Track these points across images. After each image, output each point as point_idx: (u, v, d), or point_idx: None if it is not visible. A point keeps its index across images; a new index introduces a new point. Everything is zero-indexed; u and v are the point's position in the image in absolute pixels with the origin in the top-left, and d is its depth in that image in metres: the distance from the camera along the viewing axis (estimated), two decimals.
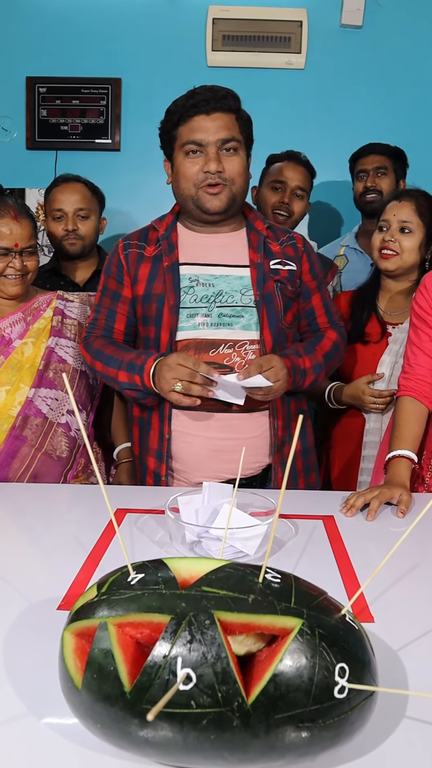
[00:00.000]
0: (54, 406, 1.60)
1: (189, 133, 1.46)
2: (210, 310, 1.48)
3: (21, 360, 1.58)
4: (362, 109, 2.80)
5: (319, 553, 1.12)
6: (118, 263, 1.56)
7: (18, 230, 1.55)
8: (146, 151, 2.84)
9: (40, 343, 1.62)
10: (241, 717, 0.54)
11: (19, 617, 0.88)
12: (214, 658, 0.55)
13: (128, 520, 1.25)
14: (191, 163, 1.47)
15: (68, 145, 2.85)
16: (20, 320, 1.63)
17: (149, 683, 0.55)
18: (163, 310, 1.49)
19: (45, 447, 1.57)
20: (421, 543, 1.16)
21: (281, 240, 1.59)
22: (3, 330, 1.60)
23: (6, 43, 2.81)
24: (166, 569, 0.63)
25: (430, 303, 1.48)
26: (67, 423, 1.61)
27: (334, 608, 0.61)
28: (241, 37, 2.75)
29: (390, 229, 1.75)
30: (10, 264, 1.55)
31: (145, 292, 1.52)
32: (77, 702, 0.59)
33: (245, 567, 0.64)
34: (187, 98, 1.46)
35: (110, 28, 2.79)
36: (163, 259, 1.52)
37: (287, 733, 0.55)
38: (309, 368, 1.49)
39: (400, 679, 0.77)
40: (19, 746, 0.65)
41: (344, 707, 0.56)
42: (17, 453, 1.54)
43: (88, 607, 0.62)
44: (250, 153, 1.55)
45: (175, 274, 1.50)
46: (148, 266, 1.53)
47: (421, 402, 1.48)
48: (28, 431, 1.55)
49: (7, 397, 1.55)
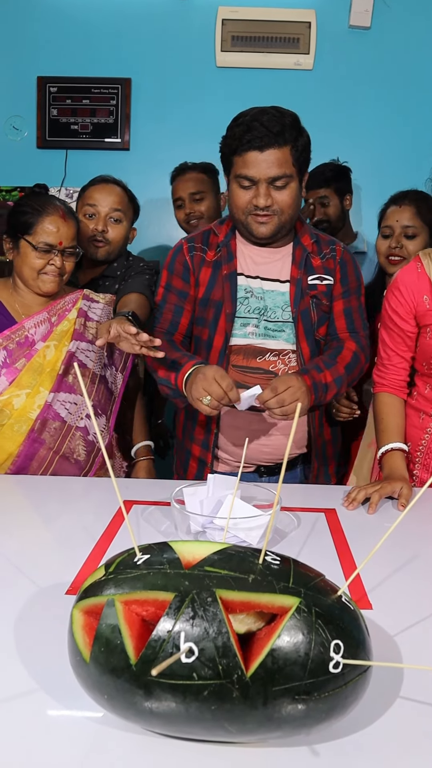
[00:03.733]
0: (73, 410, 1.61)
1: (242, 166, 1.48)
2: (259, 322, 1.59)
3: (43, 363, 1.59)
4: (370, 110, 2.83)
5: (320, 544, 1.15)
6: (185, 263, 1.62)
7: (65, 229, 1.57)
8: (155, 150, 2.88)
9: (62, 346, 1.62)
10: (241, 689, 0.57)
11: (30, 601, 0.92)
12: (215, 633, 0.58)
13: (135, 511, 1.29)
14: (243, 193, 1.51)
15: (78, 144, 2.89)
16: (45, 320, 1.63)
17: (154, 656, 0.58)
18: (220, 316, 1.59)
19: (63, 450, 1.58)
20: (420, 535, 1.19)
21: (324, 253, 1.63)
22: (27, 330, 1.60)
23: (18, 43, 2.85)
24: (171, 551, 0.66)
25: (405, 308, 1.49)
26: (86, 427, 1.62)
27: (330, 589, 0.64)
28: (250, 38, 2.78)
29: (394, 235, 1.78)
30: (51, 261, 1.57)
31: (204, 296, 1.61)
32: (85, 674, 0.62)
33: (246, 549, 0.67)
34: (243, 130, 1.46)
35: (120, 29, 2.83)
36: (223, 267, 1.60)
37: (284, 705, 0.58)
38: (331, 382, 1.52)
39: (396, 661, 0.79)
40: (30, 720, 0.68)
41: (339, 682, 0.59)
42: (35, 455, 1.55)
43: (96, 585, 0.65)
44: (304, 176, 1.55)
45: (233, 283, 1.59)
46: (208, 271, 1.62)
47: (398, 395, 1.54)
48: (47, 434, 1.56)
49: (26, 400, 1.55)
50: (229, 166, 1.53)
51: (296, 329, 1.59)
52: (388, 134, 2.78)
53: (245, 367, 1.59)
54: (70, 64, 2.85)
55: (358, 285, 1.66)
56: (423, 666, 0.78)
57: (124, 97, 2.85)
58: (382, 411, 1.53)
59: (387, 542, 0.71)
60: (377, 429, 1.53)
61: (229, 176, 1.55)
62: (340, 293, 1.63)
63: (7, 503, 1.36)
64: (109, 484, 1.43)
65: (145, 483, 1.57)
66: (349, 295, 1.64)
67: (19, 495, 1.40)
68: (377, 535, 1.08)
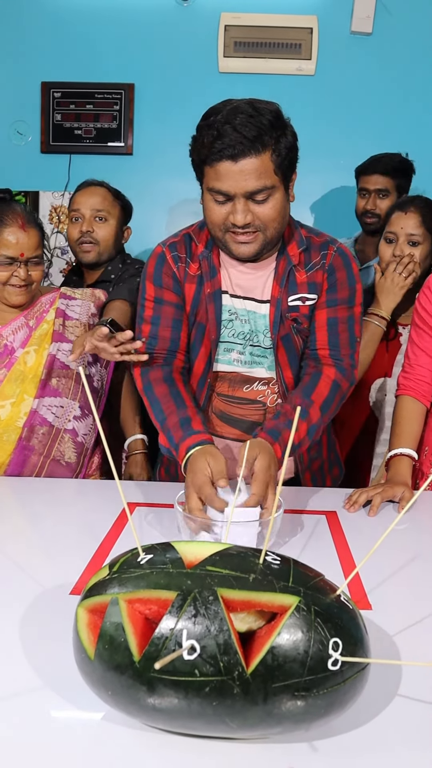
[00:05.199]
0: (59, 413, 1.58)
1: (215, 178, 1.24)
2: (244, 348, 1.42)
3: (24, 371, 1.57)
4: (372, 115, 2.84)
5: (321, 546, 1.16)
6: (173, 275, 1.41)
7: (25, 240, 1.52)
8: (158, 154, 2.90)
9: (42, 350, 1.59)
10: (241, 685, 0.58)
11: (34, 601, 0.93)
12: (216, 630, 0.59)
13: (138, 513, 1.30)
14: (218, 207, 1.27)
15: (82, 149, 2.91)
16: (23, 326, 1.60)
17: (157, 653, 0.59)
18: (202, 340, 1.41)
19: (53, 454, 1.56)
20: (420, 537, 1.20)
21: (313, 263, 1.39)
22: (5, 338, 1.57)
23: (22, 49, 2.88)
24: (174, 551, 0.68)
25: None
26: (74, 429, 1.60)
27: (329, 588, 0.66)
28: (252, 44, 2.80)
29: (398, 242, 1.78)
30: (14, 273, 1.53)
31: (189, 314, 1.42)
32: (90, 671, 0.63)
33: (247, 550, 0.68)
34: (214, 136, 1.21)
35: (124, 35, 2.85)
36: (206, 284, 1.39)
37: (284, 701, 0.59)
38: (304, 437, 1.31)
39: (395, 660, 0.81)
40: (35, 716, 0.70)
41: (337, 679, 0.60)
42: (26, 462, 1.54)
43: (100, 584, 0.66)
44: (291, 180, 1.33)
45: (218, 304, 1.39)
46: (192, 287, 1.41)
47: (421, 401, 1.52)
48: (35, 440, 1.55)
49: (12, 410, 1.54)
50: (200, 176, 1.30)
51: (276, 357, 1.40)
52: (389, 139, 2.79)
53: (231, 397, 1.45)
54: (74, 69, 2.87)
55: (351, 294, 1.40)
56: (420, 662, 0.79)
57: (128, 102, 2.87)
58: (400, 415, 1.53)
59: (387, 544, 0.72)
60: (392, 432, 1.53)
61: (201, 185, 1.31)
62: (324, 302, 1.39)
63: (12, 505, 1.37)
64: (112, 486, 1.44)
65: (147, 485, 1.58)
66: (335, 304, 1.38)
67: (23, 497, 1.42)
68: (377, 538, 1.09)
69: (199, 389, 1.44)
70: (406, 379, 1.55)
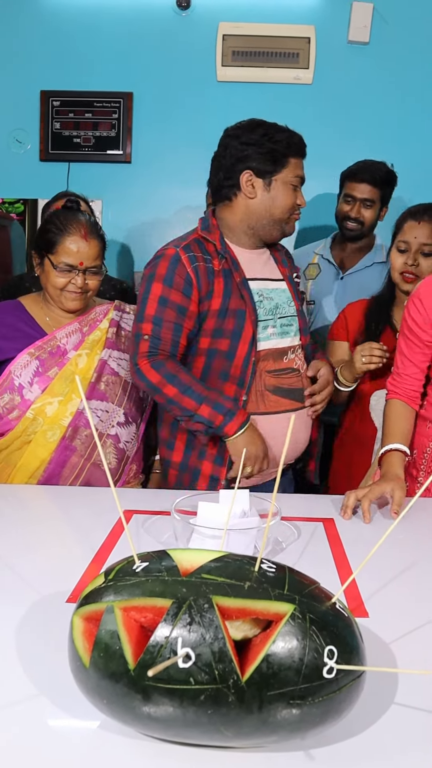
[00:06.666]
0: (104, 417, 1.62)
1: (300, 167, 1.60)
2: (275, 322, 1.64)
3: (75, 371, 1.61)
4: (369, 124, 2.86)
5: (318, 553, 1.16)
6: (186, 277, 1.53)
7: (86, 249, 1.57)
8: (157, 162, 2.91)
9: (94, 354, 1.64)
10: (236, 693, 0.58)
11: (31, 608, 0.93)
12: (211, 638, 0.59)
13: (135, 520, 1.30)
14: (294, 193, 1.61)
15: (80, 157, 2.93)
16: (76, 330, 1.65)
17: (152, 661, 0.59)
18: (244, 324, 1.57)
19: (93, 458, 1.60)
20: (417, 545, 1.20)
21: (283, 252, 1.76)
22: (59, 340, 1.62)
23: (21, 57, 2.90)
24: (169, 559, 0.68)
25: (425, 318, 1.50)
26: (117, 435, 1.64)
27: (325, 596, 0.66)
28: (250, 53, 2.82)
29: (411, 251, 1.75)
30: (72, 281, 1.58)
31: (222, 306, 1.56)
32: (85, 679, 0.63)
33: (243, 557, 0.68)
34: (290, 135, 1.59)
35: (123, 44, 2.87)
36: (234, 275, 1.58)
37: (279, 710, 0.59)
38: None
39: (391, 668, 0.81)
40: (31, 725, 0.69)
41: (333, 687, 0.60)
42: (67, 462, 1.58)
43: (96, 592, 0.66)
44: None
45: (248, 289, 1.59)
46: (221, 281, 1.56)
47: (410, 405, 1.54)
48: (78, 441, 1.58)
49: (59, 408, 1.57)
50: (279, 167, 1.57)
51: (298, 323, 1.69)
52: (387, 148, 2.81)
53: (277, 370, 1.62)
54: (73, 78, 2.89)
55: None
56: (415, 670, 0.79)
57: (126, 110, 2.89)
58: (390, 416, 1.54)
59: (384, 551, 0.72)
60: (384, 431, 1.54)
61: (270, 177, 1.58)
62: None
63: (9, 512, 1.37)
64: (110, 493, 1.44)
65: (145, 492, 1.59)
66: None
67: (21, 504, 1.42)
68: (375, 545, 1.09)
69: (244, 370, 1.58)
70: (395, 385, 1.56)
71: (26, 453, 1.57)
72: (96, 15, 2.86)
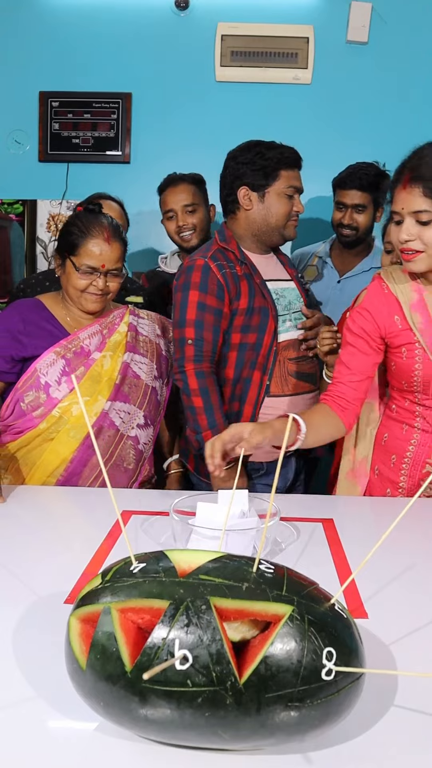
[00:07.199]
0: (126, 419, 1.65)
1: (295, 178, 1.78)
2: (291, 316, 1.82)
3: (100, 372, 1.63)
4: (368, 124, 2.85)
5: (318, 554, 1.15)
6: (218, 282, 1.71)
7: (108, 252, 1.59)
8: (155, 163, 2.89)
9: (117, 357, 1.67)
10: (234, 695, 0.58)
11: (29, 610, 0.93)
12: (209, 640, 0.59)
13: (134, 521, 1.29)
14: (291, 203, 1.78)
15: (79, 158, 2.92)
16: (97, 332, 1.67)
17: (149, 663, 0.59)
18: (268, 319, 1.75)
19: (114, 458, 1.62)
20: (417, 545, 1.19)
21: (284, 256, 1.96)
22: (82, 341, 1.64)
23: (20, 58, 2.89)
24: (167, 559, 0.67)
25: (373, 328, 1.46)
26: (136, 436, 1.67)
27: (324, 597, 0.65)
28: (249, 53, 2.81)
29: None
30: (93, 282, 1.60)
31: (248, 305, 1.75)
32: (82, 681, 0.63)
33: (241, 558, 0.68)
34: (289, 150, 1.78)
35: (121, 45, 2.86)
36: (254, 277, 1.77)
37: (277, 712, 0.58)
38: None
39: (390, 669, 0.80)
40: (28, 727, 0.69)
41: (331, 689, 0.60)
42: (88, 461, 1.59)
43: (92, 593, 0.66)
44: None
45: (267, 289, 1.79)
46: (245, 283, 1.75)
47: (336, 413, 1.47)
48: (101, 442, 1.60)
49: (85, 408, 1.57)
50: (271, 179, 1.75)
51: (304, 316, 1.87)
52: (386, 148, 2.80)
53: (298, 358, 1.81)
54: (72, 79, 2.88)
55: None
56: (414, 672, 0.79)
57: (125, 111, 2.88)
58: (311, 409, 1.50)
59: (384, 552, 0.72)
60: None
61: (264, 190, 1.76)
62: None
63: (7, 513, 1.37)
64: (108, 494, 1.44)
65: (144, 493, 1.58)
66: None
67: (20, 505, 1.41)
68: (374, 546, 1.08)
69: (267, 358, 1.76)
70: (327, 392, 1.51)
71: (47, 451, 1.58)
72: (95, 16, 2.85)
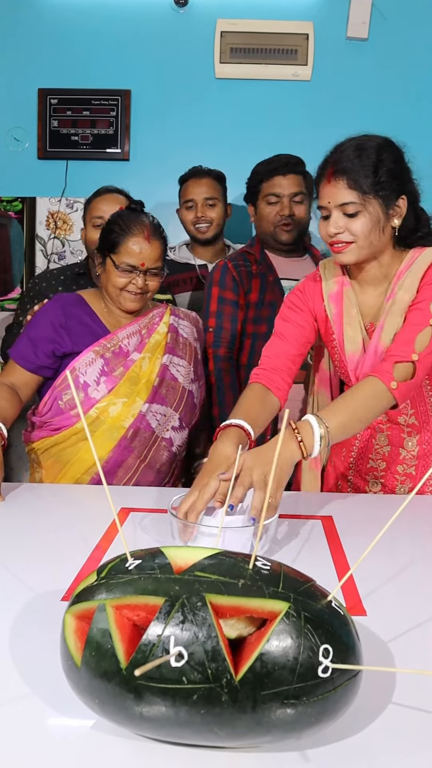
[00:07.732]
0: (162, 421, 1.65)
1: (277, 185, 2.09)
2: None
3: (139, 374, 1.64)
4: (368, 121, 2.82)
5: (316, 551, 1.15)
6: (233, 278, 2.05)
7: (148, 250, 1.59)
8: (155, 160, 2.90)
9: (156, 358, 1.67)
10: (230, 693, 0.57)
11: (25, 607, 0.92)
12: (204, 637, 0.58)
13: (132, 518, 1.29)
14: (273, 209, 2.10)
15: (78, 155, 2.92)
16: (136, 332, 1.67)
17: (144, 660, 0.58)
18: (276, 313, 1.79)
19: (148, 459, 1.63)
20: (415, 542, 1.19)
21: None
22: (121, 341, 1.64)
23: (19, 55, 2.88)
24: (163, 556, 0.67)
25: (306, 306, 1.50)
26: (171, 438, 1.67)
27: (320, 594, 0.65)
28: (248, 50, 2.81)
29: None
30: (132, 281, 1.60)
31: (259, 299, 2.05)
32: (77, 679, 0.62)
33: (237, 555, 0.67)
34: (268, 162, 2.10)
35: (120, 41, 2.85)
36: (268, 275, 2.08)
37: (273, 710, 0.58)
38: None
39: (388, 667, 0.80)
40: (24, 724, 0.68)
41: (328, 686, 0.59)
42: (123, 462, 1.60)
43: (88, 590, 0.65)
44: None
45: (280, 286, 2.07)
46: (258, 280, 2.07)
47: (271, 391, 1.40)
48: (137, 443, 1.61)
49: (122, 409, 1.59)
50: (256, 191, 2.14)
51: None
52: None
53: None
54: (71, 76, 2.87)
55: None
56: (412, 670, 0.78)
57: (124, 108, 2.87)
58: (244, 396, 1.39)
59: (382, 549, 0.71)
60: (233, 411, 1.34)
61: (255, 203, 2.15)
62: None
63: (4, 510, 1.36)
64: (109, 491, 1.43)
65: (142, 490, 1.57)
66: None
67: (18, 502, 1.41)
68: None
69: None
70: (261, 368, 1.45)
71: (83, 450, 1.59)
72: (93, 13, 2.85)
